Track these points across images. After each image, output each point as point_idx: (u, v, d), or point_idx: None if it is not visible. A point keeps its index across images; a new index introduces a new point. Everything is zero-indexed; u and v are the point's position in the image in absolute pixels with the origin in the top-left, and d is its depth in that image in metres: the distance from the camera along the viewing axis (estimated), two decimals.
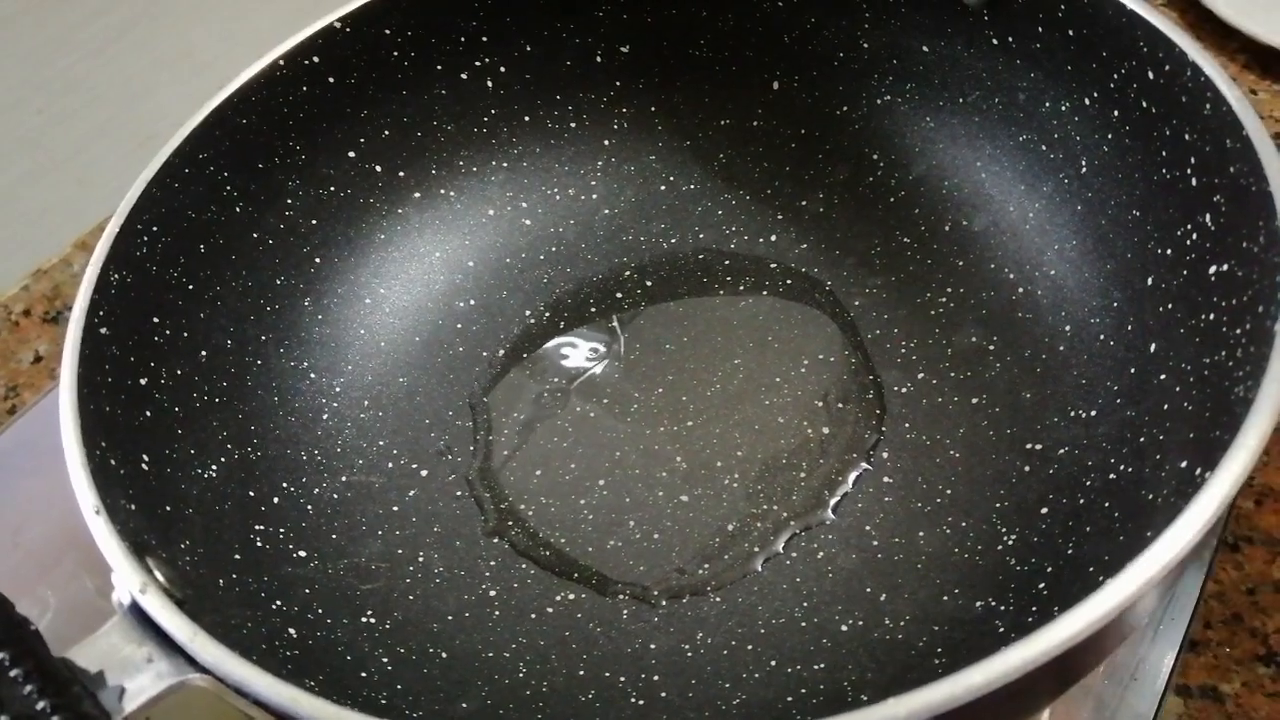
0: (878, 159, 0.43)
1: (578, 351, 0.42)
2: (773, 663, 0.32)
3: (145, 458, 0.31)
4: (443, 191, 0.43)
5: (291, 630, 0.31)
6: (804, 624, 0.33)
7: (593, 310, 0.43)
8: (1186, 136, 0.31)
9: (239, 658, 0.24)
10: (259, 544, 0.34)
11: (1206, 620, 0.35)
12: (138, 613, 0.25)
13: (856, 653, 0.32)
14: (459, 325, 0.43)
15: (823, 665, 0.31)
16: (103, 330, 0.31)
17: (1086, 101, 0.36)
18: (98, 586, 0.41)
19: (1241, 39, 0.52)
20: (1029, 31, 0.37)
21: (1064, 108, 0.37)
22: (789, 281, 0.42)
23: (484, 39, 0.42)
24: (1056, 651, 0.20)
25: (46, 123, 0.53)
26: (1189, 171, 0.32)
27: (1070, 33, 0.36)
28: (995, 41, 0.38)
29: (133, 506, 0.29)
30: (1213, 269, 0.30)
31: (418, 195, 0.43)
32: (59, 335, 0.51)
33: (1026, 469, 0.34)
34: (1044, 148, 0.38)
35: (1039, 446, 0.35)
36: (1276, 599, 0.36)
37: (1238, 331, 0.28)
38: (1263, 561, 0.37)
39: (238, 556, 0.32)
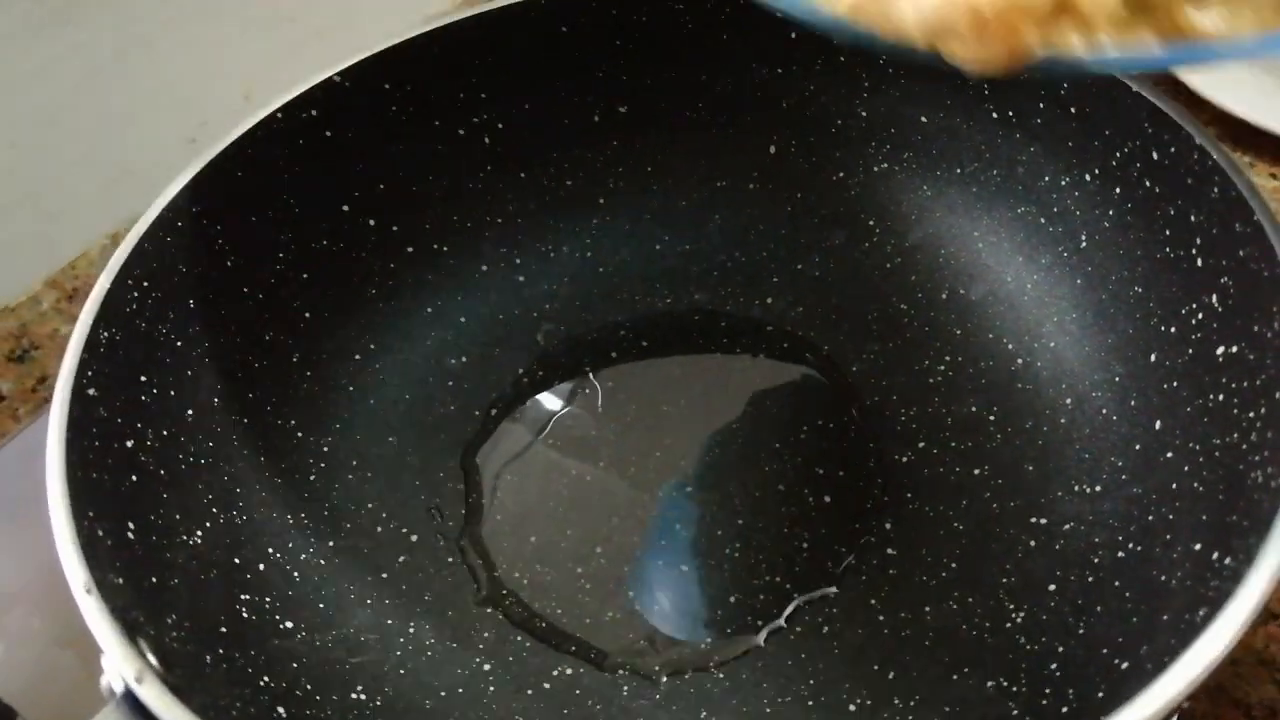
0: (874, 225, 0.43)
1: (571, 411, 0.41)
2: None
3: (131, 525, 0.30)
4: (436, 247, 0.42)
5: (280, 709, 0.30)
6: (810, 703, 0.32)
7: (586, 369, 0.42)
8: (1192, 218, 0.32)
9: None
10: (245, 615, 0.32)
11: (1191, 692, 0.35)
12: (131, 701, 0.23)
13: None
14: (450, 383, 0.41)
15: None
16: (90, 391, 0.30)
17: (1087, 177, 0.36)
18: (52, 636, 0.39)
19: (1212, 110, 0.53)
20: (1030, 106, 0.38)
21: (1064, 182, 0.37)
22: (785, 345, 0.42)
23: (482, 95, 0.41)
24: None
25: (19, 157, 0.51)
26: (1194, 252, 0.32)
27: (1072, 109, 0.36)
28: (995, 115, 0.39)
29: (120, 580, 0.27)
30: (1220, 350, 0.30)
31: (410, 250, 0.42)
32: (23, 374, 0.49)
33: (1032, 544, 0.34)
34: (1043, 220, 0.39)
35: (1044, 521, 0.35)
36: (1259, 670, 0.36)
37: (1250, 415, 0.28)
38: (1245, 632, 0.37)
39: (224, 630, 0.31)
